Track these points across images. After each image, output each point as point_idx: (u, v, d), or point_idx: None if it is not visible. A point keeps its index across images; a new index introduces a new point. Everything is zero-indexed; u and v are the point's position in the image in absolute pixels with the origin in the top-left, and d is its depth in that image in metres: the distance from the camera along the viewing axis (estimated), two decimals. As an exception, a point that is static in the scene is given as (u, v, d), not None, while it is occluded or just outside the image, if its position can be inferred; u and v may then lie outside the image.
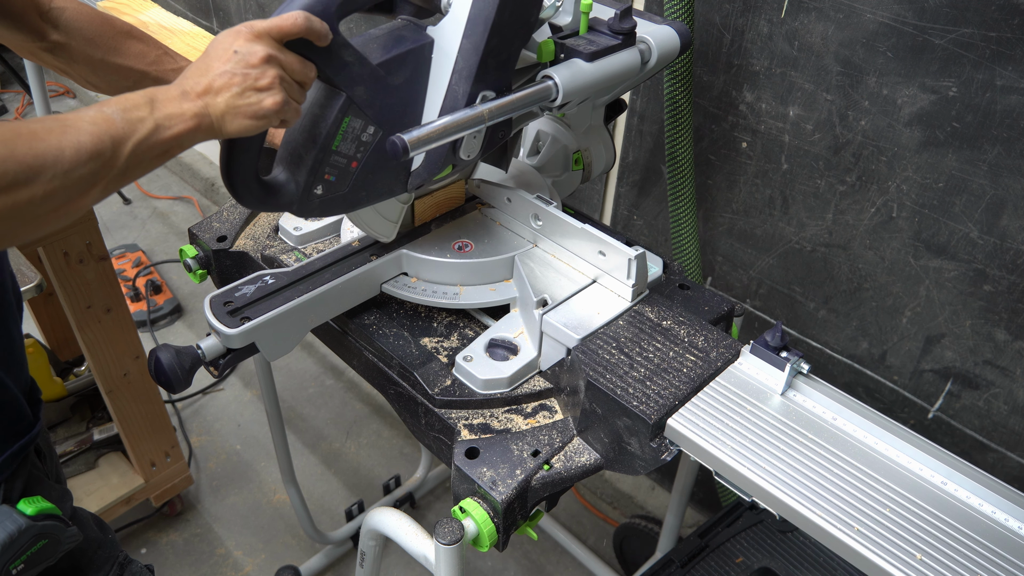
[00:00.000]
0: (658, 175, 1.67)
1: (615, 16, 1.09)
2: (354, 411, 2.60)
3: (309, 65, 0.86)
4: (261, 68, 0.81)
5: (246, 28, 0.82)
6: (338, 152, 0.95)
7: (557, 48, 1.09)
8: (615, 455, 1.00)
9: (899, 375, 1.47)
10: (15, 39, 1.04)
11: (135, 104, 0.77)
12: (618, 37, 1.10)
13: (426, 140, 0.91)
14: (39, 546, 0.86)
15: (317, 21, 0.84)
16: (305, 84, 0.86)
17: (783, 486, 0.86)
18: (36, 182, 0.69)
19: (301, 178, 0.94)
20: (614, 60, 1.09)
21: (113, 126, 0.74)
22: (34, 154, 0.69)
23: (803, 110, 1.37)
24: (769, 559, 1.46)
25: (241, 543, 2.19)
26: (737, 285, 1.66)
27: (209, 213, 3.14)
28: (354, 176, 0.98)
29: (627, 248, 1.08)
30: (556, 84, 1.04)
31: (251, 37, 0.82)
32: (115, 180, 0.76)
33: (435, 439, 1.08)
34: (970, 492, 0.86)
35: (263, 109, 0.82)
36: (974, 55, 1.14)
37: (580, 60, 1.06)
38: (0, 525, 0.83)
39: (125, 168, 0.76)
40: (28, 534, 0.84)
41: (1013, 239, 1.21)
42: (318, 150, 0.93)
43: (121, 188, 0.78)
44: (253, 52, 0.81)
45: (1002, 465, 1.39)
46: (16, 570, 0.84)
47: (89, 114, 0.74)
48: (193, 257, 1.33)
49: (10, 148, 0.67)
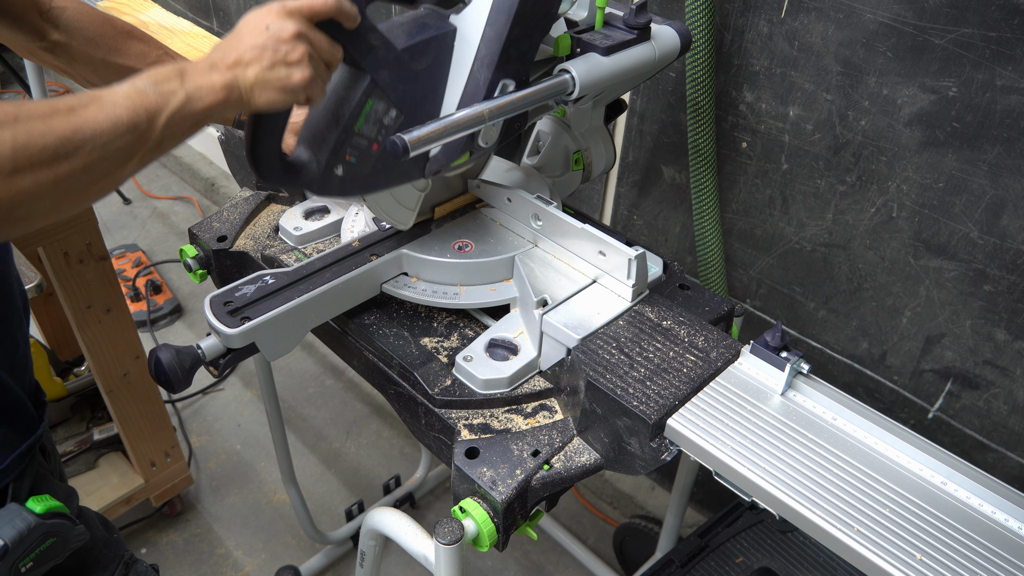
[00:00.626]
0: (658, 175, 1.67)
1: (630, 11, 1.10)
2: (354, 411, 2.60)
3: (337, 46, 0.87)
4: (291, 43, 0.83)
5: (278, 5, 0.84)
6: (360, 134, 0.96)
7: (573, 42, 1.10)
8: (615, 455, 1.00)
9: (899, 375, 1.47)
10: (15, 39, 1.04)
11: (166, 77, 0.78)
12: (633, 32, 1.11)
13: (426, 140, 0.92)
14: (48, 544, 0.86)
15: (347, 3, 0.86)
16: (332, 64, 0.88)
17: (783, 486, 0.86)
18: (76, 155, 0.71)
19: (323, 158, 0.95)
20: (630, 54, 1.11)
21: (147, 99, 0.76)
22: (73, 128, 0.71)
23: (803, 110, 1.37)
24: (769, 559, 1.46)
25: (241, 543, 2.19)
26: (737, 285, 1.66)
27: (209, 213, 3.14)
28: (375, 158, 0.99)
29: (627, 248, 1.08)
30: (573, 77, 1.05)
31: (283, 13, 0.83)
32: (150, 152, 0.78)
33: (435, 439, 1.08)
34: (970, 492, 0.86)
35: (292, 83, 0.83)
36: (974, 55, 1.14)
37: (596, 54, 1.07)
38: (10, 523, 0.83)
39: (160, 140, 0.78)
40: (37, 532, 0.85)
41: (1013, 239, 1.21)
42: (341, 130, 0.94)
43: (156, 159, 0.82)
44: (284, 27, 0.82)
45: (1002, 465, 1.39)
46: (25, 568, 0.84)
47: (123, 88, 0.76)
48: (193, 257, 1.33)
49: (49, 124, 0.69)
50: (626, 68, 1.11)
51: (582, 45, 1.09)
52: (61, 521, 0.88)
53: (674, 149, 1.61)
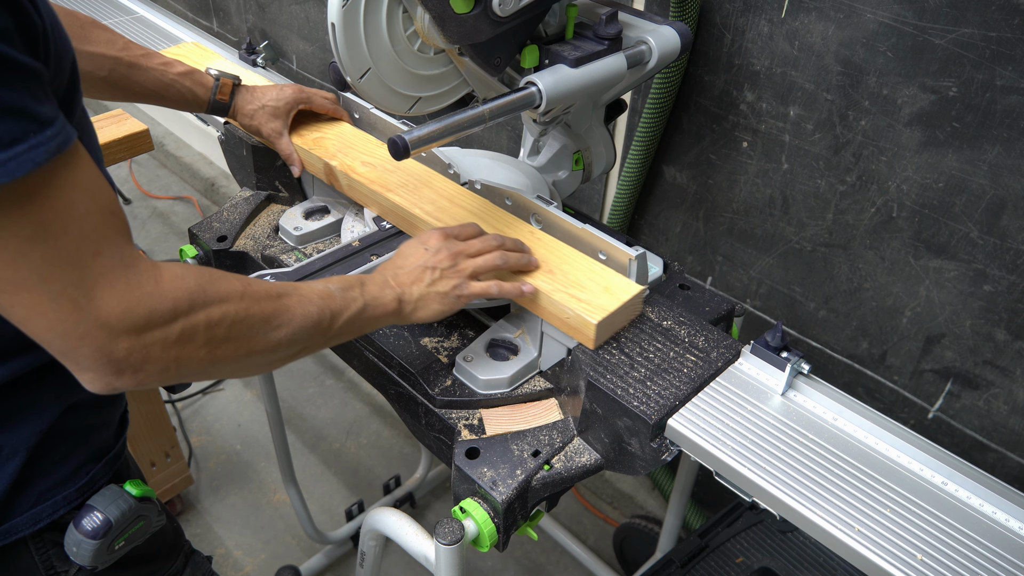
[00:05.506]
0: (658, 175, 1.67)
1: (601, 21, 1.09)
2: (354, 411, 2.60)
3: (488, 257, 1.01)
4: (449, 262, 0.98)
5: (438, 232, 1.02)
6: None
7: (542, 54, 1.08)
8: (615, 455, 1.00)
9: (899, 375, 1.47)
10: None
11: (351, 284, 0.92)
12: (604, 43, 1.09)
13: (427, 139, 0.94)
14: (139, 526, 0.91)
15: (491, 240, 1.04)
16: (479, 272, 1.01)
17: (783, 486, 0.86)
18: (270, 336, 0.80)
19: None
20: (599, 66, 1.09)
21: (334, 301, 0.88)
22: (276, 312, 0.81)
23: (803, 110, 1.37)
24: (769, 559, 1.46)
25: (241, 543, 2.19)
26: (737, 285, 1.66)
27: (209, 213, 3.14)
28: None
29: (627, 248, 1.08)
30: (540, 90, 1.04)
31: (441, 237, 1.00)
32: (319, 344, 0.89)
33: (435, 439, 1.08)
34: (970, 492, 0.86)
35: (450, 296, 0.98)
36: (974, 55, 1.14)
37: (565, 66, 1.06)
38: (114, 503, 0.88)
39: (331, 336, 0.88)
40: (133, 514, 0.90)
41: (1013, 239, 1.21)
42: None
43: (318, 351, 1.00)
44: (440, 250, 0.99)
45: (1002, 465, 1.39)
46: (118, 546, 0.89)
47: (317, 287, 0.88)
48: (193, 257, 1.33)
49: (262, 305, 0.79)
50: (596, 80, 1.08)
51: (550, 56, 1.08)
52: (150, 505, 0.93)
53: (674, 149, 1.61)
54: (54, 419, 0.85)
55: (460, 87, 1.13)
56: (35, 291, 0.64)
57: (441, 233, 1.01)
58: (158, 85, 1.23)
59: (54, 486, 0.87)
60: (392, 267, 0.98)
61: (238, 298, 0.77)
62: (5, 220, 0.61)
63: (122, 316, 0.67)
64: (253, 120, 1.33)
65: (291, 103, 1.33)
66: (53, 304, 0.64)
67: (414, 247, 1.00)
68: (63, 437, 0.87)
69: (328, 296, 0.87)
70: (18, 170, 0.59)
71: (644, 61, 1.16)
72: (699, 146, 1.56)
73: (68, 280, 0.64)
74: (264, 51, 1.67)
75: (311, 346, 0.86)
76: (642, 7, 1.52)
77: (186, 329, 0.72)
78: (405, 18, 1.00)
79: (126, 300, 0.67)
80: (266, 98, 1.32)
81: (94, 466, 0.91)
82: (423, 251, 0.99)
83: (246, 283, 0.80)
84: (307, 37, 2.44)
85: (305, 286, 0.87)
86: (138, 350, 0.69)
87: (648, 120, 1.54)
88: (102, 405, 0.92)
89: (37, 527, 0.85)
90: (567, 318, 1.02)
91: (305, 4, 2.36)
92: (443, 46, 1.01)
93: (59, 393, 0.85)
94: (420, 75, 1.07)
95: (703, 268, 1.70)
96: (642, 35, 1.17)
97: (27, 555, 0.87)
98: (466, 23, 0.96)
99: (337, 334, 0.89)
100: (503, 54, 1.05)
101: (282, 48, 2.59)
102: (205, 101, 1.29)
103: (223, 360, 0.77)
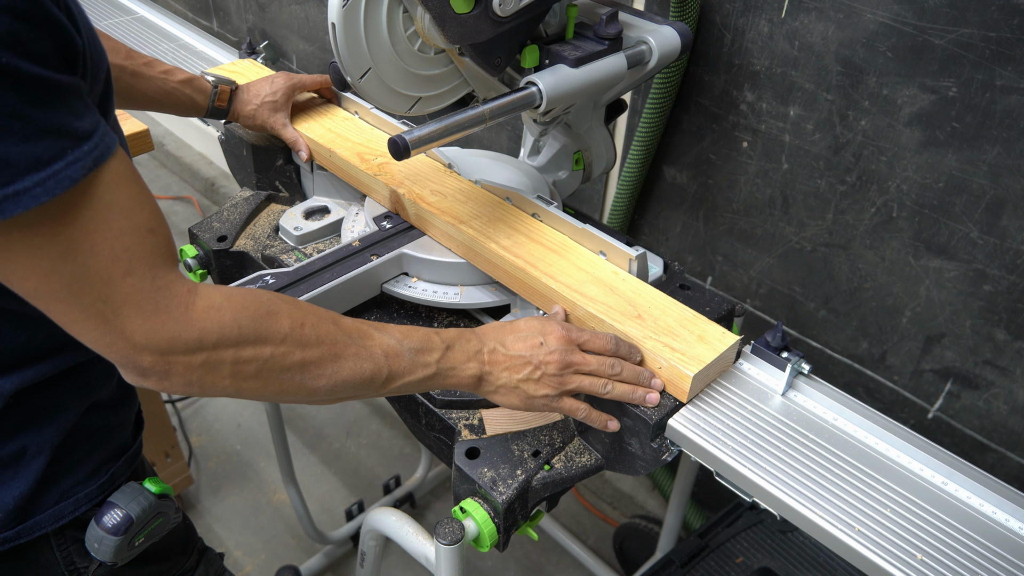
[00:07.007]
0: (658, 174, 1.67)
1: (601, 21, 1.09)
2: (354, 411, 2.60)
3: (597, 383, 0.92)
4: (556, 369, 0.90)
5: (563, 329, 0.92)
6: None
7: (542, 54, 1.09)
8: (615, 455, 1.00)
9: (899, 375, 1.47)
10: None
11: (430, 347, 0.86)
12: (604, 43, 1.09)
13: (427, 139, 0.94)
14: (158, 522, 0.92)
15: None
16: (568, 391, 0.93)
17: (783, 486, 0.86)
18: (306, 383, 0.78)
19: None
20: (600, 66, 1.09)
21: (398, 362, 0.83)
22: (319, 360, 0.78)
23: (803, 110, 1.37)
24: (769, 559, 1.46)
25: (241, 543, 2.19)
26: (737, 285, 1.66)
27: (209, 213, 3.14)
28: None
29: (628, 248, 1.08)
30: (540, 90, 1.04)
31: (563, 340, 0.91)
32: (369, 396, 0.85)
33: (436, 439, 1.08)
34: (970, 492, 0.86)
35: (535, 400, 0.91)
36: (974, 55, 1.14)
37: (565, 66, 1.06)
38: (135, 500, 0.89)
39: (383, 393, 0.85)
40: (153, 510, 0.90)
41: (1013, 239, 1.21)
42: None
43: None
44: (553, 351, 0.90)
45: (1002, 465, 1.39)
46: (138, 543, 0.90)
47: (387, 344, 0.83)
48: (193, 257, 1.33)
49: (302, 352, 0.77)
50: (596, 80, 1.09)
51: (551, 56, 1.08)
52: (168, 502, 0.94)
53: (675, 149, 1.61)
54: (76, 419, 0.86)
55: (460, 87, 1.13)
56: (67, 303, 0.66)
57: (567, 335, 0.91)
58: (159, 93, 1.24)
59: (76, 484, 0.88)
60: (494, 339, 0.90)
61: (278, 342, 0.75)
62: (38, 239, 0.63)
63: (146, 336, 0.68)
64: (255, 120, 1.35)
65: (287, 92, 1.36)
66: (83, 315, 0.67)
67: (530, 335, 0.91)
68: (85, 436, 0.88)
69: (394, 356, 0.83)
70: (56, 188, 0.61)
71: (644, 61, 1.17)
72: (699, 146, 1.56)
73: (97, 296, 0.66)
74: (264, 51, 1.67)
75: (358, 396, 0.83)
76: (642, 7, 1.52)
77: (210, 360, 0.72)
78: (405, 18, 1.00)
79: (151, 322, 0.68)
80: (262, 94, 1.34)
81: (114, 464, 0.92)
82: (537, 343, 0.90)
83: (298, 324, 0.77)
84: (307, 37, 2.44)
85: (376, 338, 0.82)
86: (161, 364, 0.70)
87: (648, 120, 1.54)
88: (118, 404, 0.93)
89: (59, 524, 0.87)
90: (659, 368, 0.96)
91: (305, 4, 2.36)
92: (443, 46, 1.01)
93: (80, 393, 0.86)
94: (420, 75, 1.07)
95: (703, 268, 1.70)
96: (642, 35, 1.17)
97: (48, 552, 0.88)
98: (466, 23, 0.97)
99: (391, 392, 0.85)
100: (503, 54, 1.06)
101: (282, 48, 2.59)
102: (204, 107, 1.32)
103: (249, 392, 0.77)
